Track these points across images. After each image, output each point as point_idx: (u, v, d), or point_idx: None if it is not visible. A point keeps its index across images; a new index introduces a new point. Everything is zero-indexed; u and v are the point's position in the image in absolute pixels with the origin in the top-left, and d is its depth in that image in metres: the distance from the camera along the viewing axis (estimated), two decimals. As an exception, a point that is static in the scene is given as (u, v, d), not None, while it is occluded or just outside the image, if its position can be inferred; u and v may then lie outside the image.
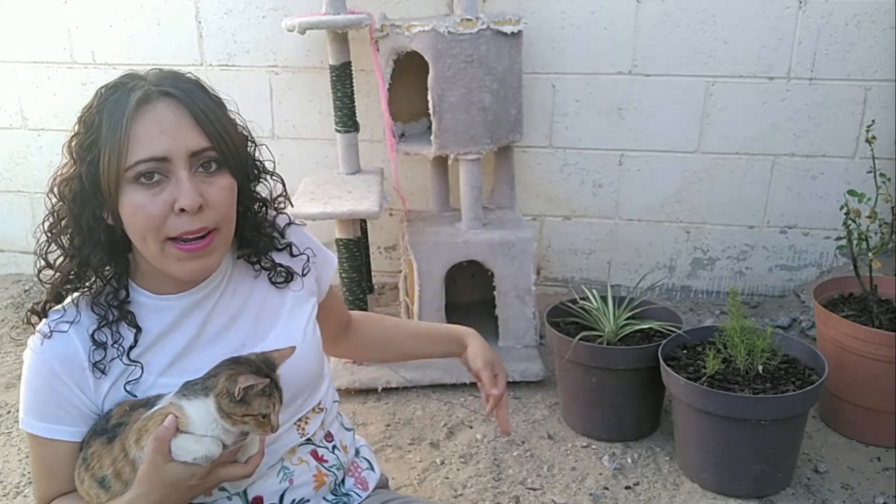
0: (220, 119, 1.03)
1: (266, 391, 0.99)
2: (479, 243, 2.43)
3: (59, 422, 1.05)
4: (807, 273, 2.87)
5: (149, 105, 0.98)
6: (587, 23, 2.67)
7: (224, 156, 1.02)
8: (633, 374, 2.05)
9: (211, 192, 1.01)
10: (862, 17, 2.56)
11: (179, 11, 2.83)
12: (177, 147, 0.98)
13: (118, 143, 0.97)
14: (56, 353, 1.04)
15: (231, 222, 1.07)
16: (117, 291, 1.07)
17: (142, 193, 0.98)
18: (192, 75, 1.07)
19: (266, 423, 1.00)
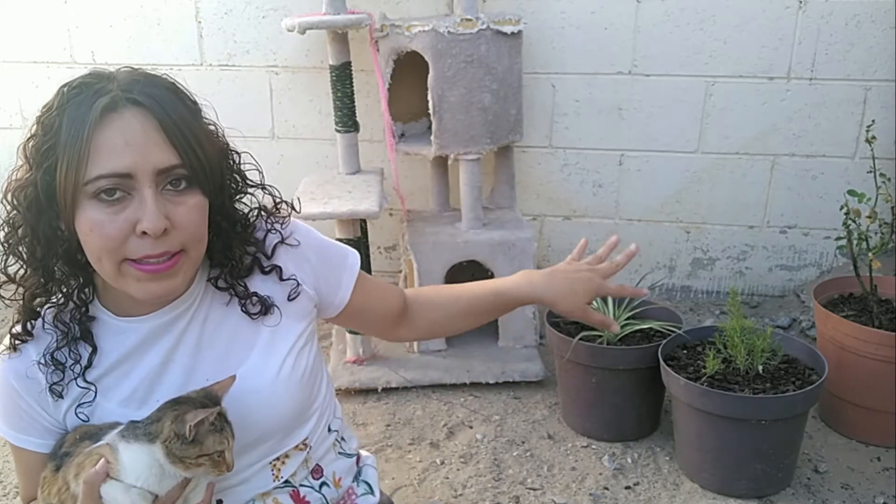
0: (193, 131, 0.93)
1: (217, 425, 0.93)
2: (479, 243, 2.43)
3: (25, 433, 1.02)
4: (807, 273, 2.87)
5: (115, 113, 0.88)
6: (587, 23, 2.67)
7: (195, 173, 0.92)
8: (633, 374, 2.05)
9: (178, 212, 0.92)
10: (862, 17, 2.56)
11: (179, 11, 2.83)
12: (143, 163, 0.88)
13: (78, 153, 0.87)
14: (15, 370, 0.99)
15: (200, 243, 0.97)
16: (79, 307, 0.99)
17: (100, 211, 0.89)
18: (167, 77, 0.96)
19: (221, 462, 0.93)
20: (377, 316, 1.23)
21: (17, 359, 1.00)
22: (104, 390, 1.01)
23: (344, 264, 1.16)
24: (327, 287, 1.14)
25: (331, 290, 1.14)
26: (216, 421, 0.93)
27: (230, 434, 0.95)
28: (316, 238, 1.14)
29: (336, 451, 1.19)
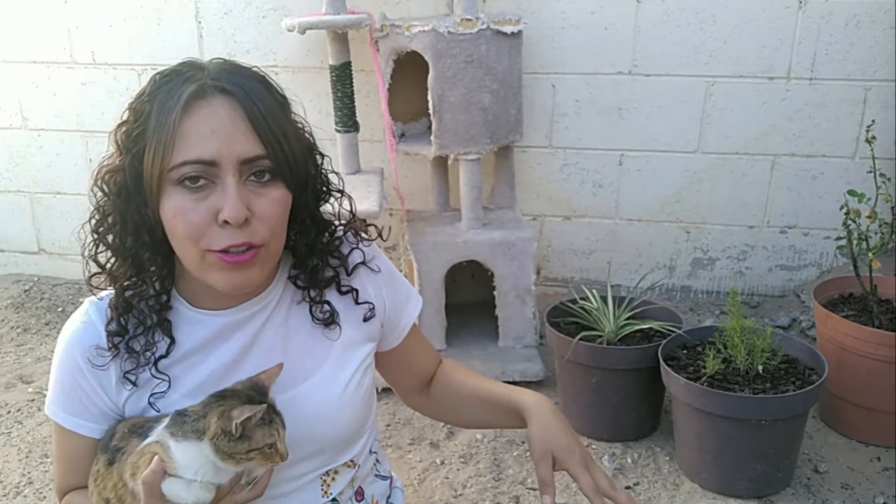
0: (279, 123, 0.92)
1: (266, 419, 0.91)
2: (479, 243, 2.43)
3: (80, 416, 1.01)
4: (807, 273, 2.87)
5: (202, 101, 0.89)
6: (587, 23, 2.67)
7: (279, 165, 0.92)
8: (633, 374, 2.05)
9: (260, 203, 0.91)
10: (862, 17, 2.56)
11: (179, 11, 2.83)
12: (227, 152, 0.88)
13: (165, 138, 0.88)
14: (83, 349, 0.98)
15: (280, 237, 0.96)
16: (159, 295, 0.99)
17: (184, 197, 0.89)
18: (257, 69, 0.97)
19: (274, 454, 0.92)
20: (413, 372, 1.22)
21: (87, 338, 0.98)
22: (172, 379, 1.00)
23: (406, 306, 1.16)
24: (389, 322, 1.14)
25: (391, 325, 1.14)
26: (264, 414, 0.90)
27: (280, 425, 0.93)
28: (391, 270, 1.14)
29: (374, 473, 1.18)
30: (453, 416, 1.26)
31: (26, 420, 2.31)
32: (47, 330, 2.90)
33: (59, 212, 3.20)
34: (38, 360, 2.68)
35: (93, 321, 1.00)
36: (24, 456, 2.14)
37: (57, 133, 3.08)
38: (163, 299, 0.99)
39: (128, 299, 0.98)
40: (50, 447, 2.17)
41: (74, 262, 3.26)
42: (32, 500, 1.96)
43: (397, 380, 1.24)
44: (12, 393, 2.46)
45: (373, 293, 1.10)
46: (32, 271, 3.31)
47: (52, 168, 3.14)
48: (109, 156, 0.96)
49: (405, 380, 1.24)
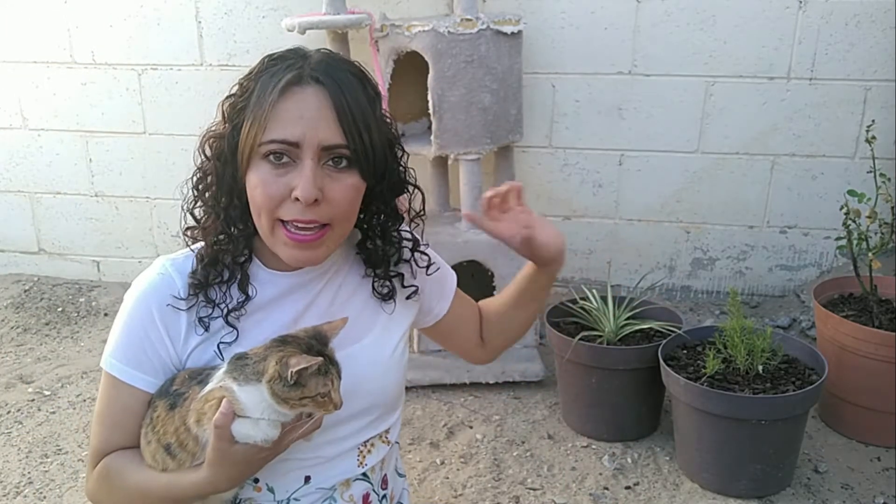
0: (364, 116, 1.00)
1: (321, 370, 0.95)
2: (479, 243, 2.43)
3: (141, 369, 1.04)
4: (807, 273, 2.87)
5: (298, 87, 0.97)
6: (587, 23, 2.67)
7: (357, 155, 0.99)
8: (633, 374, 2.05)
9: (333, 188, 0.99)
10: (862, 17, 2.56)
11: (179, 11, 2.83)
12: (311, 136, 0.97)
13: (261, 116, 0.97)
14: (158, 299, 1.04)
15: (348, 221, 1.05)
16: (241, 252, 1.07)
17: (267, 171, 0.98)
18: (357, 64, 1.05)
19: (327, 402, 0.96)
20: (469, 328, 1.33)
21: (163, 288, 1.05)
22: (241, 331, 1.06)
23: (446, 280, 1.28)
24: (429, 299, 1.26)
25: (432, 301, 1.26)
26: (321, 365, 0.94)
27: (336, 375, 0.98)
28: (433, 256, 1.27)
29: (395, 467, 1.27)
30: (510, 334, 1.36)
31: (26, 420, 2.31)
32: (47, 330, 2.90)
33: (59, 212, 3.20)
34: (38, 360, 2.68)
35: (170, 274, 1.06)
36: (25, 456, 2.14)
37: (57, 133, 3.08)
38: (244, 255, 1.08)
39: (215, 252, 1.06)
40: (50, 447, 2.17)
41: (74, 262, 3.26)
42: (32, 500, 1.96)
43: (459, 343, 1.34)
44: (12, 393, 2.46)
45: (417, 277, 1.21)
46: (32, 271, 3.31)
47: (52, 168, 3.14)
48: (215, 122, 1.05)
49: (465, 341, 1.34)
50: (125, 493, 1.06)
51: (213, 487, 1.00)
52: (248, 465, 0.98)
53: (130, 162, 3.07)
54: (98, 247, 3.23)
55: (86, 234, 3.22)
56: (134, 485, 1.04)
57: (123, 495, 1.07)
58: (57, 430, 2.26)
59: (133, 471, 1.04)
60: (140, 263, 3.20)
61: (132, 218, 3.16)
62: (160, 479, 1.02)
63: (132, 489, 1.05)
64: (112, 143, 3.06)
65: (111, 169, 3.10)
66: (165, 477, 1.02)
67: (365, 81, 1.03)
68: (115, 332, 1.07)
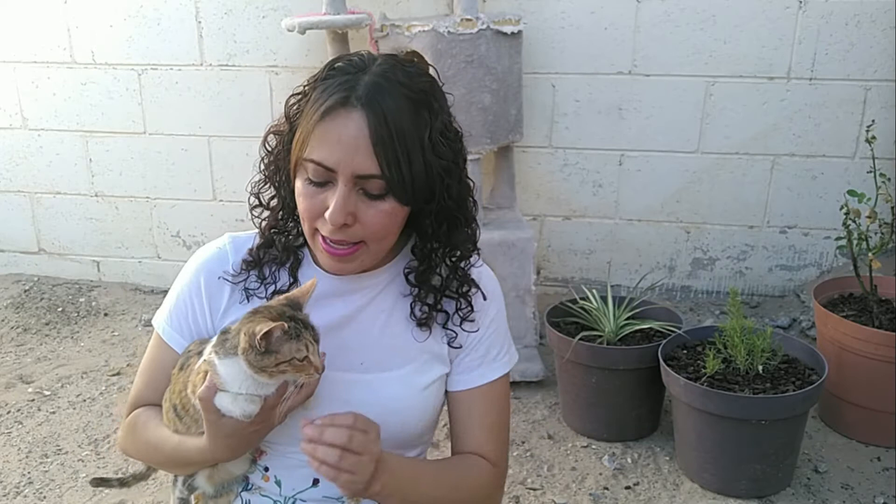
0: (407, 147, 0.96)
1: (292, 333, 0.95)
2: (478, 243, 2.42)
3: (180, 332, 1.11)
4: (807, 273, 2.87)
5: (343, 110, 0.96)
6: (587, 23, 2.67)
7: (393, 185, 0.97)
8: (633, 374, 2.05)
9: (367, 213, 0.98)
10: (862, 17, 2.55)
11: (179, 11, 2.83)
12: (345, 164, 0.96)
13: (306, 132, 0.98)
14: (209, 271, 1.10)
15: (384, 241, 1.03)
16: (297, 237, 1.10)
17: (308, 185, 1.00)
18: (421, 83, 1.00)
19: (307, 365, 0.96)
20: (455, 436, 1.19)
21: (216, 260, 1.11)
22: None
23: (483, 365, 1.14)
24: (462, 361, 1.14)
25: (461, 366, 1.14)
26: (291, 328, 0.95)
27: (311, 339, 0.97)
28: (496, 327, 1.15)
29: None
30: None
31: (26, 420, 2.31)
32: (47, 330, 2.90)
33: (59, 212, 3.20)
34: (38, 360, 2.68)
35: (226, 250, 1.12)
36: (25, 456, 2.14)
37: (57, 133, 3.08)
38: (299, 241, 1.10)
39: (271, 235, 1.10)
40: (50, 447, 2.17)
41: (74, 262, 3.26)
42: (32, 500, 1.96)
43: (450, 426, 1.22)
44: (12, 393, 2.46)
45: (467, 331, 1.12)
46: (32, 271, 3.31)
47: (52, 168, 3.14)
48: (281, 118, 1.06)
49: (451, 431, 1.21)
50: (143, 446, 1.13)
51: (213, 456, 1.03)
52: (239, 437, 0.99)
53: (130, 162, 3.07)
54: (98, 247, 3.23)
55: (86, 234, 3.22)
56: (150, 439, 1.10)
57: (141, 447, 1.13)
58: (57, 430, 2.26)
59: (153, 427, 1.10)
60: (140, 263, 3.20)
61: (132, 218, 3.15)
62: (171, 440, 1.07)
63: (149, 443, 1.11)
64: (112, 143, 3.06)
65: (111, 169, 3.10)
66: (176, 438, 1.07)
67: (420, 105, 0.98)
68: (170, 295, 1.14)
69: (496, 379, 1.14)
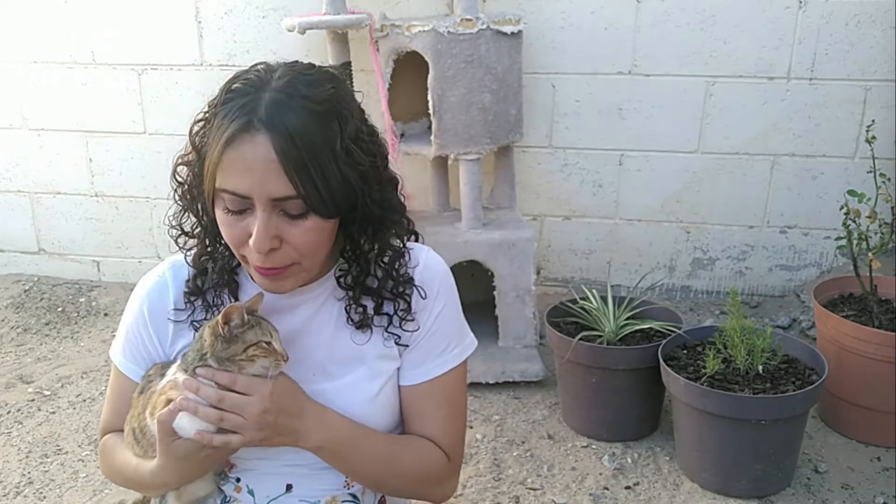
0: (319, 162, 0.93)
1: (252, 321, 0.99)
2: (479, 243, 2.43)
3: (135, 362, 1.12)
4: (807, 273, 2.87)
5: (246, 135, 0.92)
6: (587, 23, 2.67)
7: (312, 202, 0.94)
8: (633, 374, 2.05)
9: (292, 233, 0.96)
10: (862, 17, 2.56)
11: (179, 11, 2.83)
12: (259, 190, 0.93)
13: (214, 161, 0.94)
14: (151, 300, 1.11)
15: (315, 256, 1.01)
16: (229, 260, 1.08)
17: (227, 214, 0.97)
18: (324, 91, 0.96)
19: (273, 351, 0.99)
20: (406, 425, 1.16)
21: (155, 294, 1.11)
22: None
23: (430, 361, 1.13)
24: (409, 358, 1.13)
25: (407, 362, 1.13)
26: (252, 318, 0.99)
27: (271, 327, 1.01)
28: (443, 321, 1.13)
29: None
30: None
31: (26, 420, 2.31)
32: (47, 330, 2.90)
33: (59, 212, 3.20)
34: (38, 360, 2.68)
35: (166, 279, 1.12)
36: (24, 456, 2.14)
37: (57, 133, 3.08)
38: (232, 263, 1.09)
39: (203, 263, 1.09)
40: (50, 447, 2.17)
41: (74, 262, 3.26)
42: (32, 500, 1.96)
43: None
44: (12, 393, 2.46)
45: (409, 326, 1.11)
46: (32, 271, 3.31)
47: (52, 168, 3.14)
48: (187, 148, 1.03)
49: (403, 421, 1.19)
50: (112, 470, 1.16)
51: (163, 479, 1.04)
52: (188, 461, 1.01)
53: (130, 162, 3.07)
54: (98, 247, 3.23)
55: (86, 234, 3.22)
56: (116, 464, 1.14)
57: (111, 472, 1.17)
58: (57, 430, 2.26)
59: (118, 452, 1.13)
60: (140, 263, 3.20)
61: (132, 218, 3.15)
62: (131, 463, 1.10)
63: (115, 468, 1.14)
64: (112, 143, 3.06)
65: (111, 169, 3.10)
66: (135, 461, 1.09)
67: (327, 116, 0.95)
68: (121, 327, 1.15)
69: (445, 373, 1.13)
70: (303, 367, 1.07)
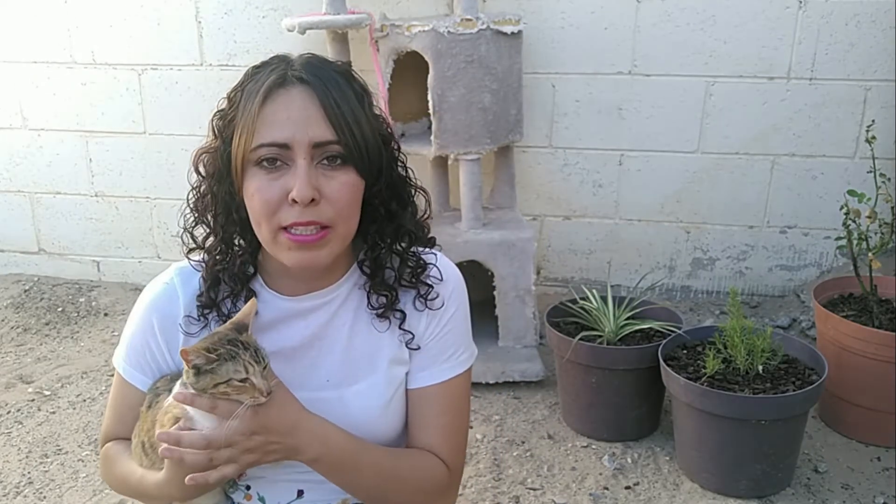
0: (354, 112, 0.98)
1: (227, 355, 0.93)
2: (479, 243, 2.43)
3: (140, 371, 1.09)
4: (807, 273, 2.87)
5: (282, 89, 0.96)
6: (587, 23, 2.67)
7: (350, 151, 0.97)
8: (633, 374, 2.05)
9: (330, 186, 0.96)
10: (862, 17, 2.56)
11: (179, 11, 2.83)
12: (300, 136, 0.94)
13: (249, 123, 0.96)
14: (160, 308, 1.08)
15: (349, 221, 1.01)
16: (245, 267, 1.07)
17: (262, 177, 0.96)
18: (340, 62, 1.03)
19: (250, 388, 0.93)
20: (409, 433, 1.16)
21: (164, 300, 1.08)
22: None
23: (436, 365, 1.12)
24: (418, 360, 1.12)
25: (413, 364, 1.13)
26: (226, 350, 0.93)
27: (253, 360, 0.94)
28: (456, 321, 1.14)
29: None
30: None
31: (26, 420, 2.31)
32: (47, 330, 2.90)
33: (59, 212, 3.20)
34: (38, 360, 2.68)
35: (174, 285, 1.08)
36: (25, 456, 2.14)
37: (57, 133, 3.08)
38: (248, 271, 1.07)
39: (216, 273, 1.06)
40: (50, 447, 2.17)
41: (74, 262, 3.26)
42: (32, 500, 1.96)
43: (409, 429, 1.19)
44: (12, 393, 2.46)
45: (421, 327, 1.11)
46: (32, 271, 3.31)
47: (52, 168, 3.14)
48: (208, 140, 1.04)
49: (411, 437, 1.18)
50: (114, 479, 1.14)
51: (169, 493, 1.02)
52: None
53: (130, 162, 3.07)
54: (98, 247, 3.23)
55: (86, 234, 3.22)
56: (119, 473, 1.11)
57: (113, 480, 1.14)
58: (57, 430, 2.26)
59: (122, 461, 1.11)
60: (140, 263, 3.20)
61: (132, 218, 3.15)
62: (136, 473, 1.07)
63: (119, 477, 1.12)
64: (112, 143, 3.06)
65: (111, 169, 3.10)
66: (140, 472, 1.07)
67: (350, 79, 1.01)
68: (125, 333, 1.12)
69: (452, 378, 1.13)
70: (318, 372, 1.07)
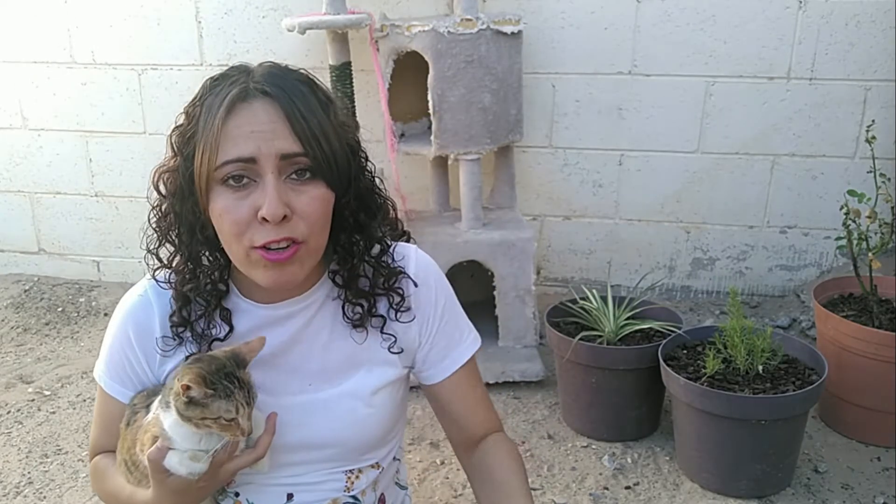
0: (320, 123, 0.94)
1: (222, 393, 0.91)
2: (479, 243, 2.43)
3: (121, 383, 1.08)
4: (807, 273, 2.87)
5: (245, 103, 0.93)
6: (587, 23, 2.67)
7: (318, 163, 0.94)
8: (633, 374, 2.05)
9: (300, 201, 0.93)
10: (862, 17, 2.56)
11: (179, 11, 2.83)
12: (266, 148, 0.91)
13: (211, 140, 0.92)
14: (136, 319, 1.06)
15: (320, 235, 0.98)
16: (216, 285, 1.04)
17: (228, 196, 0.93)
18: (303, 71, 1.00)
19: (233, 427, 0.92)
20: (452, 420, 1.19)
21: (140, 312, 1.06)
22: None
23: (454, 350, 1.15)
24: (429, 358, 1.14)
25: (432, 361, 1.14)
26: (222, 388, 0.91)
27: (243, 402, 0.93)
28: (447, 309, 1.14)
29: (395, 481, 1.23)
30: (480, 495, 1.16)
31: (26, 420, 2.31)
32: (47, 330, 2.90)
33: (59, 212, 3.20)
34: (38, 360, 2.68)
35: (149, 299, 1.07)
36: (24, 456, 2.14)
37: (57, 133, 3.08)
38: (220, 289, 1.05)
39: (186, 293, 1.03)
40: (50, 447, 2.17)
41: (74, 262, 3.26)
42: (32, 500, 1.96)
43: (442, 422, 1.22)
44: (12, 393, 2.46)
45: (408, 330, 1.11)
46: (32, 271, 3.31)
47: (52, 168, 3.14)
48: (167, 158, 1.01)
49: (447, 425, 1.21)
50: (106, 493, 1.13)
51: None
52: (184, 494, 0.97)
53: (130, 162, 3.07)
54: (98, 247, 3.23)
55: (86, 234, 3.22)
56: (111, 488, 1.10)
57: (104, 494, 1.14)
58: (57, 430, 2.26)
59: (110, 475, 1.10)
60: (140, 263, 3.18)
61: (132, 218, 3.15)
62: (126, 489, 1.06)
63: (109, 491, 1.11)
64: (112, 143, 3.06)
65: (111, 169, 3.10)
66: (129, 489, 1.06)
67: (314, 88, 0.98)
68: (104, 346, 1.11)
69: (469, 359, 1.16)
70: (297, 376, 1.07)
